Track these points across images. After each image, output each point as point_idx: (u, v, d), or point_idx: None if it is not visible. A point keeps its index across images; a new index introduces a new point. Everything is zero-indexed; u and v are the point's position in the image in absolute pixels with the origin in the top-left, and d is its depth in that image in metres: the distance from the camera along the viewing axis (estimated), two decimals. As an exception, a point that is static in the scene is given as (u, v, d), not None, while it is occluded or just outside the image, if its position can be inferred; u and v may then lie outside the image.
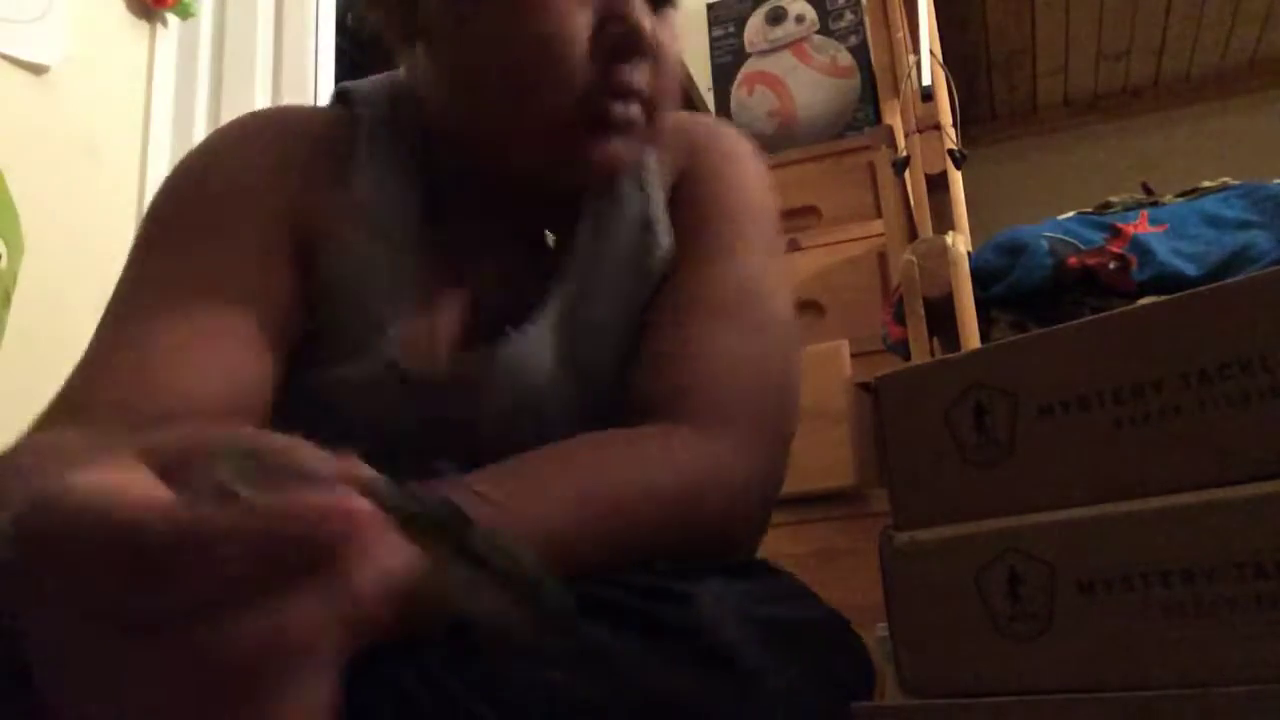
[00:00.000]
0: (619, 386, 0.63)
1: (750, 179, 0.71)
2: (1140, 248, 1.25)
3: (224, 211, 0.63)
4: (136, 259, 0.64)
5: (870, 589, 0.66)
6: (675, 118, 0.70)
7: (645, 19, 0.61)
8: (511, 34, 0.60)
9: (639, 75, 0.61)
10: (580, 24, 0.59)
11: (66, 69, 1.86)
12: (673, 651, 0.47)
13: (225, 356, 0.58)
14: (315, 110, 0.72)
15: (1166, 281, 1.22)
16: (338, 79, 2.32)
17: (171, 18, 2.11)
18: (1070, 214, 1.36)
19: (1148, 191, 1.39)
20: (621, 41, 0.60)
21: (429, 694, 0.45)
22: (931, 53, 1.47)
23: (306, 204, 0.65)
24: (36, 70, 1.81)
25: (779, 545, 0.68)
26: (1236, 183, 1.35)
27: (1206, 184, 1.37)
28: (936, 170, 1.41)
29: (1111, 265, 1.25)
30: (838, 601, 0.65)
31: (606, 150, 0.62)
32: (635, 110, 0.62)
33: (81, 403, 0.56)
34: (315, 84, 2.26)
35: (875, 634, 0.85)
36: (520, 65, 0.60)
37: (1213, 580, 0.51)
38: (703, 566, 0.53)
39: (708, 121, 0.75)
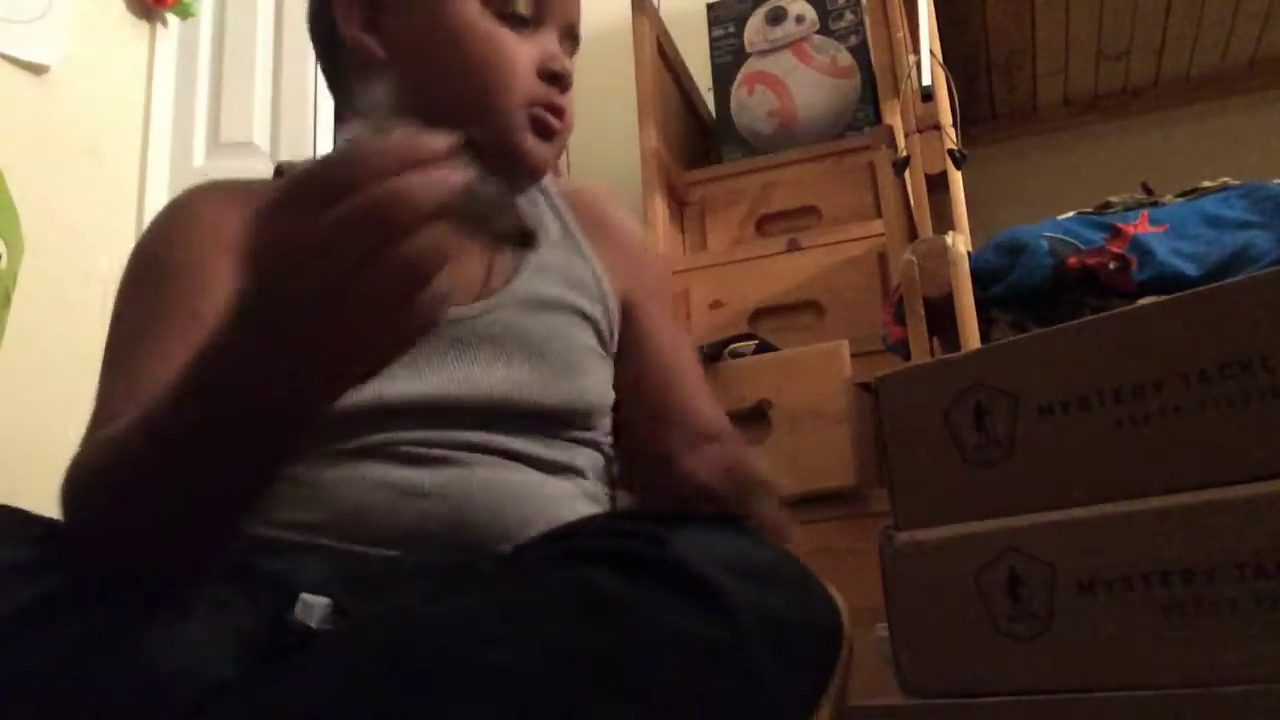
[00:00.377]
0: (561, 352, 0.82)
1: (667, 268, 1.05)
2: (1140, 248, 1.25)
3: (185, 255, 0.78)
4: (119, 310, 0.77)
5: (870, 589, 0.66)
6: (593, 196, 0.95)
7: (569, 63, 0.85)
8: (474, 59, 0.81)
9: (565, 101, 0.84)
10: (525, 56, 0.82)
11: (66, 69, 1.86)
12: (655, 584, 0.50)
13: None
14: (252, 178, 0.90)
15: (1166, 281, 1.21)
16: (338, 79, 2.31)
17: (171, 18, 2.12)
18: (1070, 214, 1.36)
19: (1148, 191, 1.39)
20: (558, 75, 0.83)
21: (422, 646, 0.47)
22: (931, 53, 1.47)
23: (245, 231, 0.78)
24: (36, 70, 1.81)
25: (779, 545, 0.69)
26: (1236, 183, 1.35)
27: (1206, 184, 1.37)
28: (936, 170, 1.41)
29: (1111, 265, 1.25)
30: (837, 601, 0.65)
31: (540, 148, 0.82)
32: (560, 125, 0.84)
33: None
34: (315, 84, 2.25)
35: (875, 634, 0.84)
36: (483, 80, 0.81)
37: (1213, 580, 0.51)
38: (681, 515, 0.59)
39: (628, 221, 0.98)
